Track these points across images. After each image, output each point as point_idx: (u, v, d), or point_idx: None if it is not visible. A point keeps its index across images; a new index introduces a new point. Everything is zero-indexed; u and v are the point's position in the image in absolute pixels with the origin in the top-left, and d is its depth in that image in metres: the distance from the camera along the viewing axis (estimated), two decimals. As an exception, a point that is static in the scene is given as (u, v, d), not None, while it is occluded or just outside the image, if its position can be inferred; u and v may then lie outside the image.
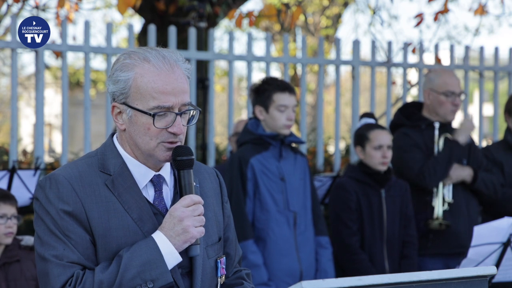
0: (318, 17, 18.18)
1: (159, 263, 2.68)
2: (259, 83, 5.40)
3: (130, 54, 2.79)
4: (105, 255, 2.72)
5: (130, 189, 2.78)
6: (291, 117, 5.30)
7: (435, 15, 8.32)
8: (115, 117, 2.82)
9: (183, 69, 2.81)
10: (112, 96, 2.81)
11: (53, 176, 2.76)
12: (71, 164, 2.83)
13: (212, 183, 2.99)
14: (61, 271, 2.67)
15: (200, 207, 2.76)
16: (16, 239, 5.01)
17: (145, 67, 2.75)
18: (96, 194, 2.74)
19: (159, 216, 2.79)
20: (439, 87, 6.03)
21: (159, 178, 2.84)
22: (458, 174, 6.00)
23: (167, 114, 2.75)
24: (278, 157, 5.35)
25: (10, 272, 4.92)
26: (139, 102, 2.75)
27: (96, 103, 16.81)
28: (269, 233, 5.25)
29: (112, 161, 2.80)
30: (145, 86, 2.74)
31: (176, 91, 2.75)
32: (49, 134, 23.00)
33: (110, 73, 2.82)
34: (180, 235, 2.71)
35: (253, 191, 5.28)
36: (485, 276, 2.70)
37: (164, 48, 2.84)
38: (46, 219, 2.72)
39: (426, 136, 6.04)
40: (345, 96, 16.35)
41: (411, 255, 5.70)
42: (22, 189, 5.88)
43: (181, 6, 8.71)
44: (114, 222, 2.74)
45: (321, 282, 2.44)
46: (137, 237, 2.74)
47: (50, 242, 2.70)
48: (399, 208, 5.73)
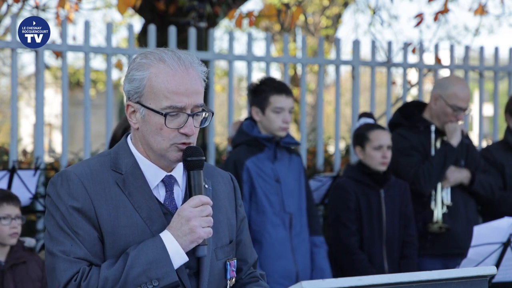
0: (318, 17, 18.19)
1: (165, 262, 2.69)
2: (257, 83, 5.39)
3: (147, 54, 2.83)
4: (112, 252, 2.74)
5: (140, 188, 2.80)
6: (287, 119, 5.29)
7: (435, 15, 8.32)
8: (129, 116, 2.85)
9: (199, 71, 2.83)
10: (127, 95, 2.84)
11: (64, 173, 2.79)
12: (84, 162, 2.87)
13: (226, 186, 3.01)
14: (67, 266, 2.70)
15: (209, 208, 2.77)
16: (19, 240, 5.00)
17: (160, 67, 2.78)
18: (106, 192, 2.77)
19: (169, 216, 2.80)
20: (448, 97, 5.93)
21: (170, 178, 2.86)
22: (456, 177, 6.00)
23: (180, 115, 2.77)
24: (272, 158, 5.34)
25: (17, 274, 4.91)
26: (152, 101, 2.78)
27: (96, 103, 16.81)
28: (265, 235, 5.25)
29: (124, 160, 2.83)
30: (159, 86, 2.77)
31: (189, 92, 2.78)
32: (49, 134, 23.00)
33: (126, 72, 2.86)
34: (187, 235, 2.73)
35: (249, 194, 5.27)
36: (485, 276, 2.70)
37: (180, 50, 2.87)
38: (56, 215, 2.76)
39: (423, 138, 6.02)
40: (345, 96, 16.35)
41: (411, 255, 5.70)
42: (22, 189, 5.88)
43: (181, 6, 8.71)
44: (123, 220, 2.76)
45: (321, 282, 2.44)
46: (145, 235, 2.76)
47: (59, 238, 2.74)
48: (399, 208, 5.73)
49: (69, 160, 7.49)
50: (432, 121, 6.04)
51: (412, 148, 5.99)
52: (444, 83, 6.05)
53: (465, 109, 5.96)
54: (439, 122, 6.03)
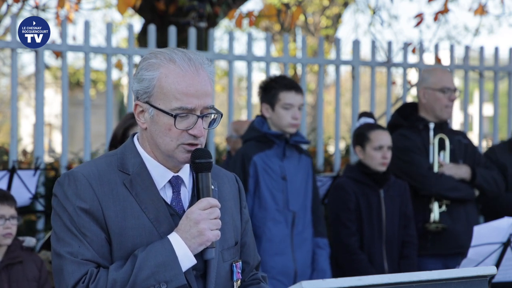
0: (318, 17, 18.18)
1: (173, 264, 2.68)
2: (267, 80, 5.43)
3: (157, 54, 2.80)
4: (120, 254, 2.72)
5: (147, 189, 2.79)
6: (297, 116, 5.30)
7: (435, 15, 8.33)
8: (137, 116, 2.82)
9: (208, 72, 2.81)
10: (136, 95, 2.82)
11: (71, 173, 2.77)
12: (91, 162, 2.85)
13: (231, 187, 3.00)
14: (75, 268, 2.68)
15: (217, 211, 2.76)
16: (18, 240, 4.99)
17: (170, 68, 2.76)
18: (113, 193, 2.75)
19: (175, 217, 2.79)
20: (434, 84, 6.04)
21: (177, 179, 2.84)
22: (455, 172, 5.99)
23: (189, 116, 2.76)
24: (281, 156, 5.36)
25: (13, 273, 4.90)
26: (162, 102, 2.76)
27: (96, 103, 16.82)
28: (265, 231, 5.26)
29: (131, 161, 2.81)
30: (169, 87, 2.75)
31: (199, 93, 2.76)
32: (49, 134, 23.01)
33: (135, 72, 2.84)
34: (195, 237, 2.71)
35: (253, 188, 5.29)
36: (485, 276, 2.70)
37: (190, 50, 2.85)
38: (63, 215, 2.74)
39: (423, 137, 6.05)
40: (345, 96, 16.35)
41: (410, 255, 5.69)
42: (22, 189, 5.88)
43: (181, 6, 8.71)
44: (130, 222, 2.74)
45: (321, 282, 2.44)
46: (153, 237, 2.74)
47: (66, 239, 2.72)
48: (398, 208, 5.72)
49: (69, 160, 7.49)
50: (428, 118, 6.07)
51: (415, 147, 6.01)
52: (424, 76, 6.20)
53: (455, 90, 6.04)
54: (435, 115, 6.06)
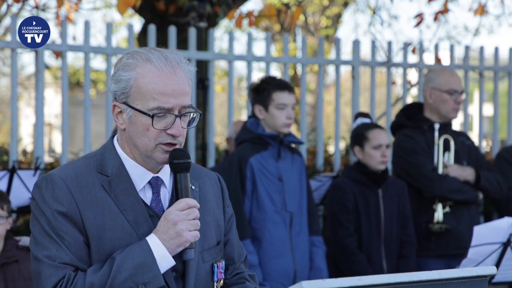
0: (318, 17, 18.18)
1: (151, 266, 2.66)
2: (258, 82, 5.43)
3: (133, 54, 2.79)
4: (99, 256, 2.70)
5: (126, 190, 2.76)
6: (291, 115, 5.32)
7: (435, 15, 8.32)
8: (115, 117, 2.81)
9: (186, 71, 2.79)
10: (113, 95, 2.81)
11: (49, 177, 2.75)
12: (69, 164, 2.82)
13: (213, 187, 2.97)
14: (53, 271, 2.66)
15: (195, 211, 2.74)
16: (14, 239, 5.00)
17: (147, 68, 2.75)
18: (92, 195, 2.73)
19: (155, 219, 2.77)
20: (441, 85, 6.03)
21: (157, 180, 2.82)
22: (460, 174, 5.99)
23: (167, 116, 2.74)
24: (276, 157, 5.37)
25: (9, 273, 4.90)
26: (139, 102, 2.74)
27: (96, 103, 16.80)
28: (265, 233, 5.26)
29: (110, 162, 2.79)
30: (146, 87, 2.73)
31: (177, 92, 2.74)
32: (49, 134, 23.01)
33: (113, 72, 2.82)
34: (173, 238, 2.70)
35: (251, 190, 5.29)
36: (485, 276, 2.70)
37: (167, 49, 2.82)
38: (41, 219, 2.72)
39: (427, 138, 6.04)
40: (345, 96, 16.35)
41: (409, 255, 5.70)
42: (22, 189, 5.88)
43: (181, 6, 8.70)
44: (109, 224, 2.72)
45: (321, 282, 2.43)
46: (132, 239, 2.72)
47: (44, 243, 2.70)
48: (397, 207, 5.73)
49: (69, 160, 7.48)
50: (433, 118, 6.06)
51: (420, 149, 6.00)
52: (431, 76, 6.17)
53: (461, 92, 6.03)
54: (440, 116, 6.06)
